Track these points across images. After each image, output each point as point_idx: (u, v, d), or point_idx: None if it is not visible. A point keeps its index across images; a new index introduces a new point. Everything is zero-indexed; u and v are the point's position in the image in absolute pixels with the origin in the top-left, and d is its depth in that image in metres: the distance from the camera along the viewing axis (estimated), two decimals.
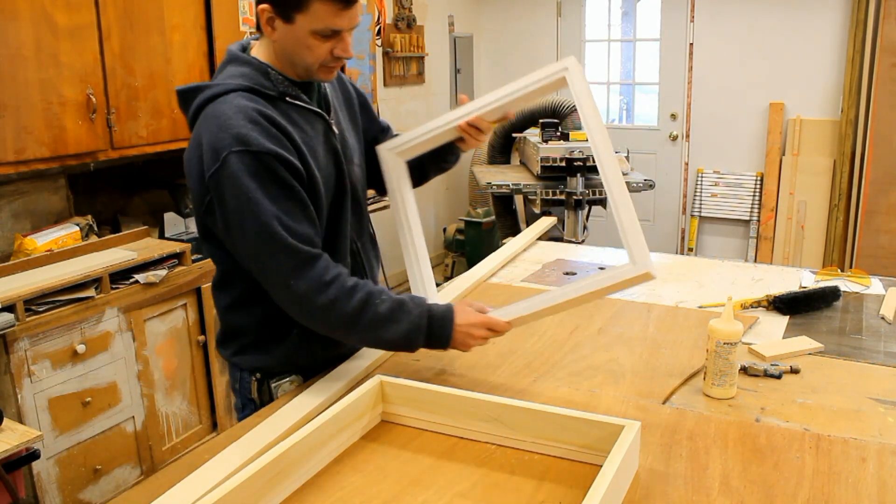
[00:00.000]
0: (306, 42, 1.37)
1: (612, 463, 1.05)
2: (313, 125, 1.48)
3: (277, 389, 1.54)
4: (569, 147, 3.91)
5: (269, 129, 1.36)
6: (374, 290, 1.41)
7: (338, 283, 1.37)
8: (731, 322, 1.40)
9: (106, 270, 2.64)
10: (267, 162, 1.33)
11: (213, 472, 1.16)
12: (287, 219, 1.35)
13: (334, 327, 1.40)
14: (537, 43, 6.11)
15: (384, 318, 1.38)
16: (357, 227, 1.62)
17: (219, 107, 1.37)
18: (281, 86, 1.44)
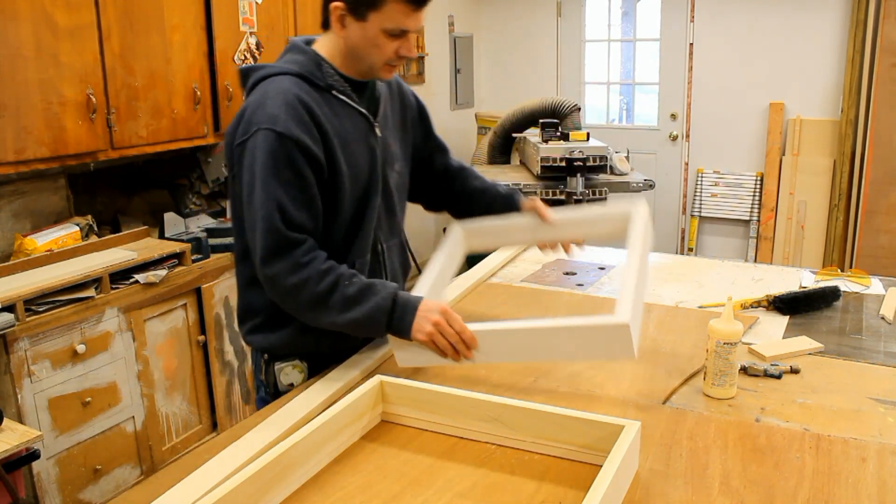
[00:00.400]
0: (376, 40, 1.44)
1: (612, 463, 1.06)
2: (355, 123, 1.54)
3: (280, 373, 1.58)
4: (569, 147, 3.90)
5: (301, 116, 1.42)
6: (346, 273, 1.44)
7: (311, 266, 1.41)
8: (731, 322, 1.40)
9: (106, 270, 2.64)
10: (287, 146, 1.40)
11: (213, 472, 1.16)
12: (288, 203, 1.40)
13: (304, 308, 1.44)
14: (537, 43, 6.11)
15: (351, 298, 1.42)
16: (387, 229, 1.66)
17: (266, 86, 1.46)
18: (331, 79, 1.50)
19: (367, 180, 1.56)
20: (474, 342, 1.42)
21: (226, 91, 3.24)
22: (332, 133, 1.47)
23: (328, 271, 1.42)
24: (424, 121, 1.81)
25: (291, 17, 3.54)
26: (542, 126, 4.11)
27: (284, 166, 1.40)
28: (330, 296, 1.42)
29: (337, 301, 1.42)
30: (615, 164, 4.12)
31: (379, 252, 1.64)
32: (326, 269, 1.43)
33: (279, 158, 1.40)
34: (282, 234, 1.40)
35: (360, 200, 1.56)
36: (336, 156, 1.48)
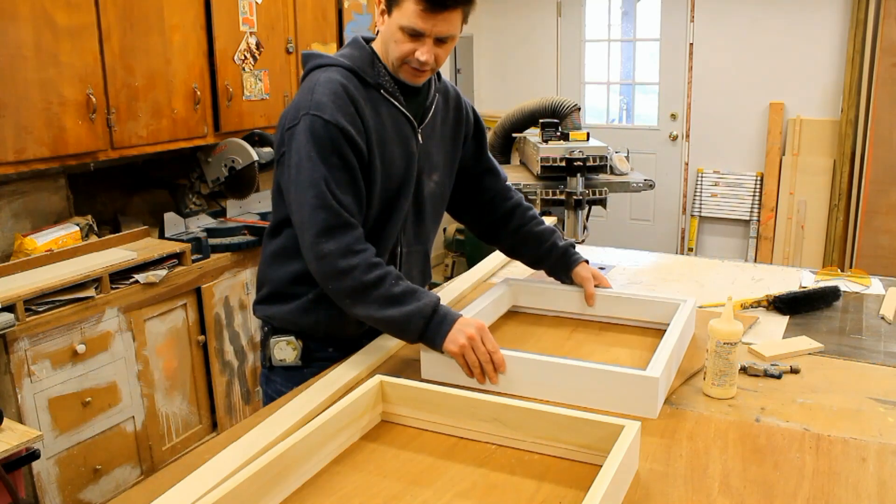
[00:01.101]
0: (395, 35, 1.47)
1: (612, 463, 1.05)
2: (398, 124, 1.56)
3: (274, 346, 1.61)
4: (569, 147, 3.90)
5: (346, 106, 1.46)
6: (394, 273, 1.47)
7: (364, 255, 1.44)
8: (731, 322, 1.40)
9: (106, 270, 2.64)
10: (332, 132, 1.44)
11: (213, 472, 1.16)
12: (335, 185, 1.44)
13: (345, 293, 1.45)
14: (537, 43, 6.12)
15: (394, 297, 1.44)
16: (412, 235, 1.68)
17: (318, 75, 1.51)
18: (381, 78, 1.54)
19: (400, 183, 1.58)
20: (503, 365, 1.42)
21: (226, 91, 3.24)
22: (373, 129, 1.50)
23: (377, 265, 1.45)
24: (479, 140, 1.83)
25: (291, 17, 3.54)
26: (542, 126, 4.11)
27: (331, 151, 1.44)
28: (374, 289, 1.43)
29: (380, 296, 1.43)
30: (615, 164, 4.12)
31: (397, 255, 1.65)
32: (376, 262, 1.45)
33: (325, 143, 1.43)
34: (335, 210, 1.43)
35: (388, 201, 1.58)
36: (372, 152, 1.51)
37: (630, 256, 2.46)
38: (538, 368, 1.42)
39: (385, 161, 1.54)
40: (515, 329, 1.80)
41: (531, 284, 1.90)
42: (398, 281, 1.46)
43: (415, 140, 1.60)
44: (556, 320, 1.84)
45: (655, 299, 1.76)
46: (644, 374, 1.34)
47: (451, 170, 1.75)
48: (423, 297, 1.45)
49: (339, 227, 1.43)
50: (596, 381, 1.37)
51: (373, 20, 4.77)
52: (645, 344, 1.68)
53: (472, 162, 1.82)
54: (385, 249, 1.61)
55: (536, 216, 1.89)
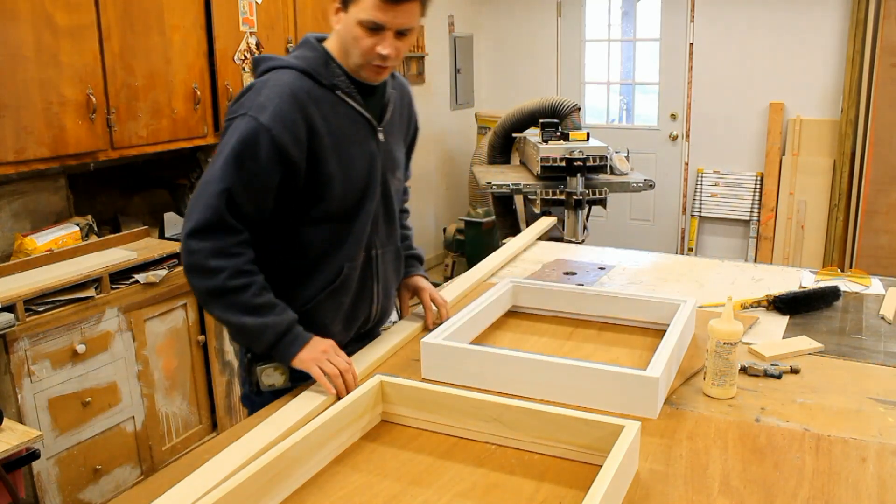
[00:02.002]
0: (354, 32, 1.44)
1: (612, 463, 1.06)
2: (357, 125, 1.54)
3: (262, 374, 1.56)
4: (569, 147, 3.90)
5: (290, 113, 1.43)
6: (260, 283, 1.45)
7: (236, 259, 1.43)
8: (731, 322, 1.40)
9: (106, 270, 2.64)
10: (264, 139, 1.40)
11: (214, 472, 1.16)
12: (240, 193, 1.41)
13: (206, 291, 1.44)
14: (537, 43, 6.12)
15: (254, 307, 1.43)
16: (384, 235, 1.66)
17: (271, 76, 1.47)
18: (336, 78, 1.51)
19: (364, 184, 1.56)
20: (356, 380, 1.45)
21: (226, 91, 3.24)
22: (325, 132, 1.47)
23: (246, 272, 1.43)
24: (413, 145, 1.83)
25: (291, 17, 3.54)
26: (542, 126, 4.11)
27: (251, 156, 1.41)
28: (235, 294, 1.42)
29: (239, 302, 1.42)
30: (615, 164, 4.12)
31: (372, 257, 1.64)
32: (247, 269, 1.44)
33: (249, 147, 1.40)
34: (222, 216, 1.41)
35: (353, 203, 1.55)
36: (324, 156, 1.48)
37: (630, 256, 2.46)
38: (538, 368, 1.42)
39: (343, 163, 1.51)
40: (515, 329, 1.80)
41: (531, 284, 1.90)
42: (262, 292, 1.44)
43: (375, 140, 1.57)
44: (556, 320, 1.84)
45: (655, 299, 1.76)
46: (644, 374, 1.34)
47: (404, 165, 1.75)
48: (282, 314, 1.45)
49: (219, 228, 1.41)
50: (596, 381, 1.37)
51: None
52: (645, 344, 1.68)
53: None
54: (356, 254, 1.58)
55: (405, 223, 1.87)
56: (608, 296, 1.81)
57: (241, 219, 1.44)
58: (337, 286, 1.57)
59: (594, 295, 1.82)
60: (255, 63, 1.56)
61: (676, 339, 1.50)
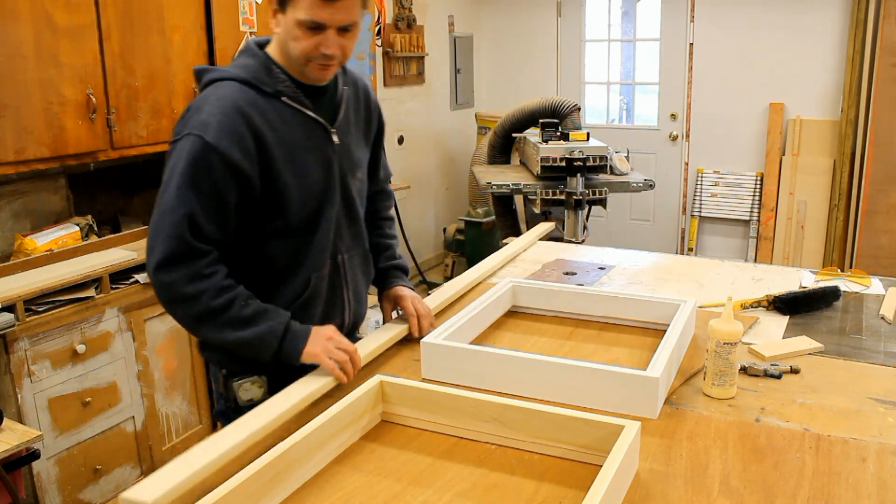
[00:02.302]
0: (294, 32, 1.40)
1: (612, 463, 1.06)
2: (308, 130, 1.50)
3: (239, 389, 1.53)
4: (569, 147, 3.90)
5: (235, 127, 1.39)
6: (243, 294, 1.43)
7: (212, 279, 1.40)
8: (731, 322, 1.40)
9: (106, 270, 2.64)
10: (211, 157, 1.37)
11: (222, 440, 1.19)
12: (200, 214, 1.38)
13: (194, 318, 1.41)
14: (537, 43, 6.12)
15: (246, 319, 1.41)
16: (349, 239, 1.62)
17: (212, 90, 1.44)
18: (281, 84, 1.46)
19: (322, 190, 1.52)
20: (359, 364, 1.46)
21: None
22: (275, 143, 1.43)
23: (227, 288, 1.41)
24: (380, 138, 1.77)
25: None
26: (542, 126, 4.11)
27: (204, 176, 1.37)
28: (224, 312, 1.40)
29: (230, 318, 1.40)
30: (615, 164, 4.12)
31: (339, 263, 1.60)
32: (226, 285, 1.41)
33: (200, 167, 1.37)
34: (187, 242, 1.37)
35: (313, 211, 1.52)
36: (276, 167, 1.44)
37: (630, 256, 2.46)
38: (538, 368, 1.42)
39: (298, 172, 1.47)
40: (515, 329, 1.80)
41: (531, 284, 1.90)
42: (248, 301, 1.42)
43: (329, 143, 1.53)
44: (556, 320, 1.84)
45: (655, 299, 1.76)
46: (644, 375, 1.34)
47: (366, 164, 1.70)
48: (275, 317, 1.44)
49: (189, 255, 1.38)
50: (596, 381, 1.37)
51: (373, 21, 4.78)
52: (645, 344, 1.69)
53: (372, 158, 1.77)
54: (322, 262, 1.55)
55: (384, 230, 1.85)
56: (608, 296, 1.81)
57: (206, 240, 1.40)
58: (307, 298, 1.54)
59: (594, 295, 1.82)
60: (196, 75, 1.52)
61: (676, 339, 1.50)
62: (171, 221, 1.37)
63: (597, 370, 1.38)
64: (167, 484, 1.06)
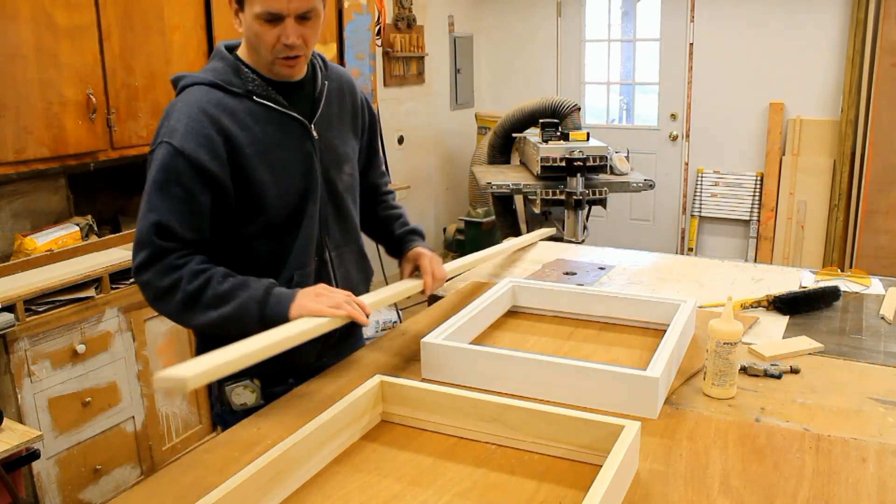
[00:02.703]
0: (254, 28, 1.41)
1: (612, 463, 1.05)
2: (284, 127, 1.49)
3: (231, 393, 1.53)
4: (569, 147, 3.90)
5: (201, 130, 1.40)
6: (219, 272, 1.41)
7: (185, 267, 1.39)
8: (731, 322, 1.40)
9: (106, 270, 2.64)
10: (178, 162, 1.39)
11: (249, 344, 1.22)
12: (173, 219, 1.38)
13: (177, 308, 1.41)
14: (537, 43, 6.12)
15: (224, 294, 1.38)
16: (338, 236, 1.61)
17: (181, 96, 1.46)
18: (251, 84, 1.47)
19: (303, 186, 1.51)
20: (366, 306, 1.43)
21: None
22: (246, 143, 1.43)
23: (201, 271, 1.40)
24: (374, 130, 1.77)
25: None
26: (542, 126, 4.11)
27: (174, 182, 1.38)
28: (202, 294, 1.38)
29: (209, 298, 1.38)
30: (615, 164, 4.12)
31: (327, 261, 1.59)
32: (200, 269, 1.40)
33: (170, 173, 1.38)
34: (158, 246, 1.38)
35: (293, 208, 1.51)
36: (250, 167, 1.44)
37: (630, 256, 2.46)
38: (538, 368, 1.42)
39: (275, 170, 1.46)
40: (515, 329, 1.80)
41: (531, 284, 1.90)
42: (225, 278, 1.40)
43: (308, 138, 1.52)
44: (556, 320, 1.84)
45: (655, 299, 1.76)
46: (644, 375, 1.34)
47: (356, 158, 1.69)
48: (255, 285, 1.40)
49: (159, 256, 1.39)
50: (596, 381, 1.37)
51: (372, 21, 4.78)
52: (645, 344, 1.68)
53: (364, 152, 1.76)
54: (306, 260, 1.54)
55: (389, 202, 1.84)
56: (608, 296, 1.81)
57: (181, 242, 1.40)
58: None
59: (594, 295, 1.82)
60: (172, 83, 1.53)
61: (676, 339, 1.50)
62: (143, 228, 1.39)
63: (597, 370, 1.38)
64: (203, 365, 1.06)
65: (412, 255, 1.74)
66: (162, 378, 1.03)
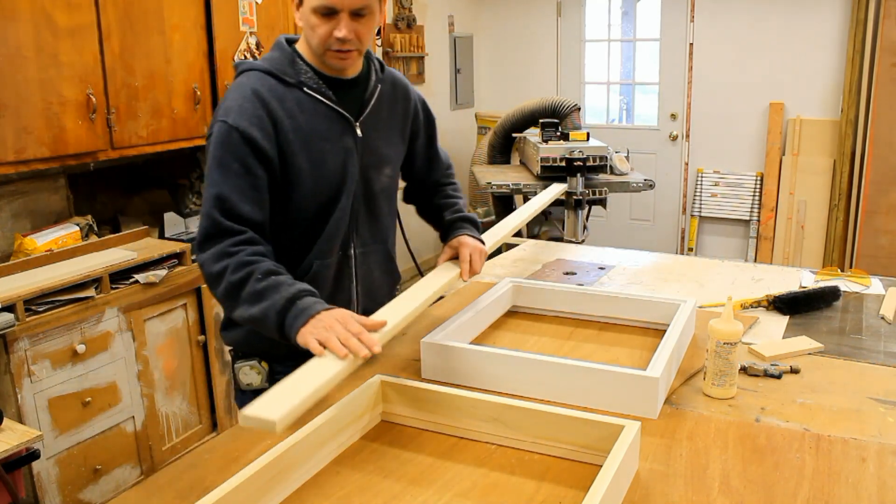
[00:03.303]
0: (310, 21, 1.45)
1: (612, 463, 1.06)
2: (329, 121, 1.52)
3: (239, 372, 1.58)
4: (569, 147, 3.90)
5: (254, 110, 1.45)
6: (263, 268, 1.38)
7: (235, 257, 1.39)
8: (731, 322, 1.40)
9: (106, 270, 2.64)
10: (234, 138, 1.43)
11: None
12: (231, 194, 1.42)
13: (221, 298, 1.42)
14: (537, 43, 6.12)
15: (256, 294, 1.36)
16: (367, 234, 1.63)
17: (238, 80, 1.52)
18: (303, 75, 1.51)
19: (338, 180, 1.54)
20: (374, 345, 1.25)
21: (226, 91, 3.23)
22: (291, 129, 1.47)
23: (247, 263, 1.38)
24: (431, 134, 1.79)
25: (291, 16, 3.54)
26: (542, 126, 4.11)
27: (233, 158, 1.43)
28: (241, 288, 1.37)
29: (247, 294, 1.37)
30: (615, 164, 4.12)
31: (351, 256, 1.60)
32: (247, 260, 1.38)
33: (228, 149, 1.43)
34: (217, 221, 1.41)
35: (326, 200, 1.53)
36: (291, 153, 1.47)
37: (630, 256, 2.46)
38: (538, 368, 1.42)
39: (314, 160, 1.49)
40: (515, 329, 1.80)
41: (531, 284, 1.90)
42: (266, 276, 1.37)
43: (351, 135, 1.55)
44: (556, 320, 1.84)
45: (655, 299, 1.76)
46: (644, 374, 1.34)
47: (399, 162, 1.72)
48: (283, 291, 1.34)
49: (217, 234, 1.41)
50: (596, 381, 1.37)
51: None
52: (645, 344, 1.69)
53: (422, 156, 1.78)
54: (330, 252, 1.56)
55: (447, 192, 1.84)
56: (608, 296, 1.81)
57: (241, 220, 1.42)
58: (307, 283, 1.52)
59: (594, 295, 1.82)
60: (234, 68, 1.59)
61: (676, 339, 1.50)
62: (204, 202, 1.44)
63: (597, 370, 1.38)
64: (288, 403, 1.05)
65: (455, 242, 1.73)
66: (249, 417, 1.03)
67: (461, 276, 1.65)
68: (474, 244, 1.70)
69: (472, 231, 1.75)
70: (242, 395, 1.61)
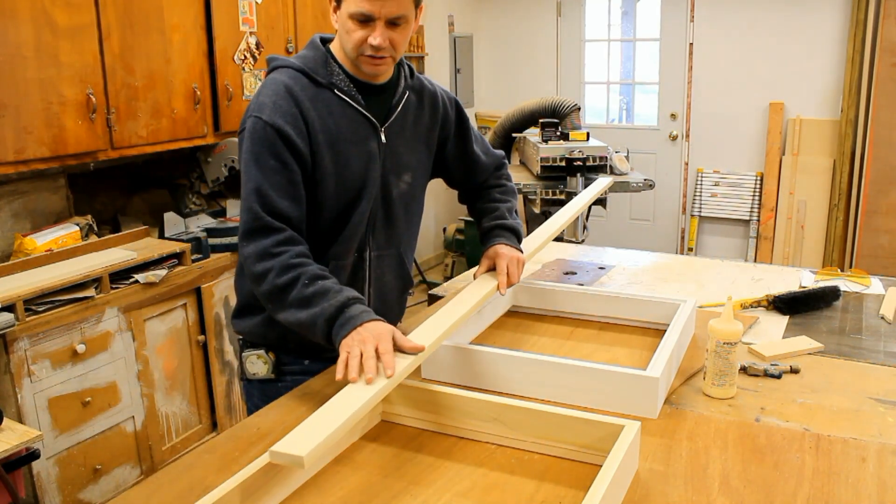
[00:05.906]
0: (346, 26, 1.46)
1: (612, 463, 1.05)
2: (355, 124, 1.53)
3: (246, 360, 1.61)
4: (569, 147, 3.90)
5: (288, 108, 1.45)
6: (309, 272, 1.39)
7: (279, 258, 1.40)
8: (731, 322, 1.40)
9: (106, 270, 2.64)
10: (269, 134, 1.44)
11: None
12: (269, 189, 1.43)
13: (265, 298, 1.43)
14: (537, 43, 6.12)
15: (305, 299, 1.36)
16: (383, 239, 1.63)
17: (271, 76, 1.52)
18: (335, 77, 1.52)
19: (360, 184, 1.54)
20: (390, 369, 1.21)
21: (226, 91, 3.24)
22: (319, 129, 1.48)
23: (293, 266, 1.39)
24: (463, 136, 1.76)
25: (291, 16, 3.54)
26: (542, 126, 4.11)
27: (269, 154, 1.43)
28: (288, 292, 1.38)
29: (293, 299, 1.37)
30: (615, 164, 4.12)
31: (366, 259, 1.61)
32: (292, 263, 1.39)
33: (264, 145, 1.44)
34: (258, 216, 1.42)
35: (347, 202, 1.54)
36: (318, 153, 1.48)
37: (630, 256, 2.46)
38: (538, 368, 1.42)
39: (339, 162, 1.50)
40: (515, 329, 1.80)
41: (531, 284, 1.90)
42: (313, 281, 1.37)
43: (376, 140, 1.55)
44: (556, 320, 1.84)
45: (655, 299, 1.76)
46: (644, 374, 1.34)
47: (425, 170, 1.71)
48: (332, 298, 1.35)
49: (259, 230, 1.41)
50: (596, 381, 1.37)
51: None
52: (645, 344, 1.69)
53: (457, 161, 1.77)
54: (346, 253, 1.57)
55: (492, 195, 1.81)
56: (608, 296, 1.81)
57: (280, 217, 1.43)
58: None
59: (594, 295, 1.82)
60: (267, 62, 1.60)
61: (676, 339, 1.50)
62: (245, 197, 1.45)
63: (597, 370, 1.38)
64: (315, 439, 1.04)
65: (491, 252, 1.69)
66: (278, 454, 1.03)
67: (498, 288, 1.61)
68: (511, 254, 1.66)
69: (509, 239, 1.71)
70: (248, 384, 1.64)
